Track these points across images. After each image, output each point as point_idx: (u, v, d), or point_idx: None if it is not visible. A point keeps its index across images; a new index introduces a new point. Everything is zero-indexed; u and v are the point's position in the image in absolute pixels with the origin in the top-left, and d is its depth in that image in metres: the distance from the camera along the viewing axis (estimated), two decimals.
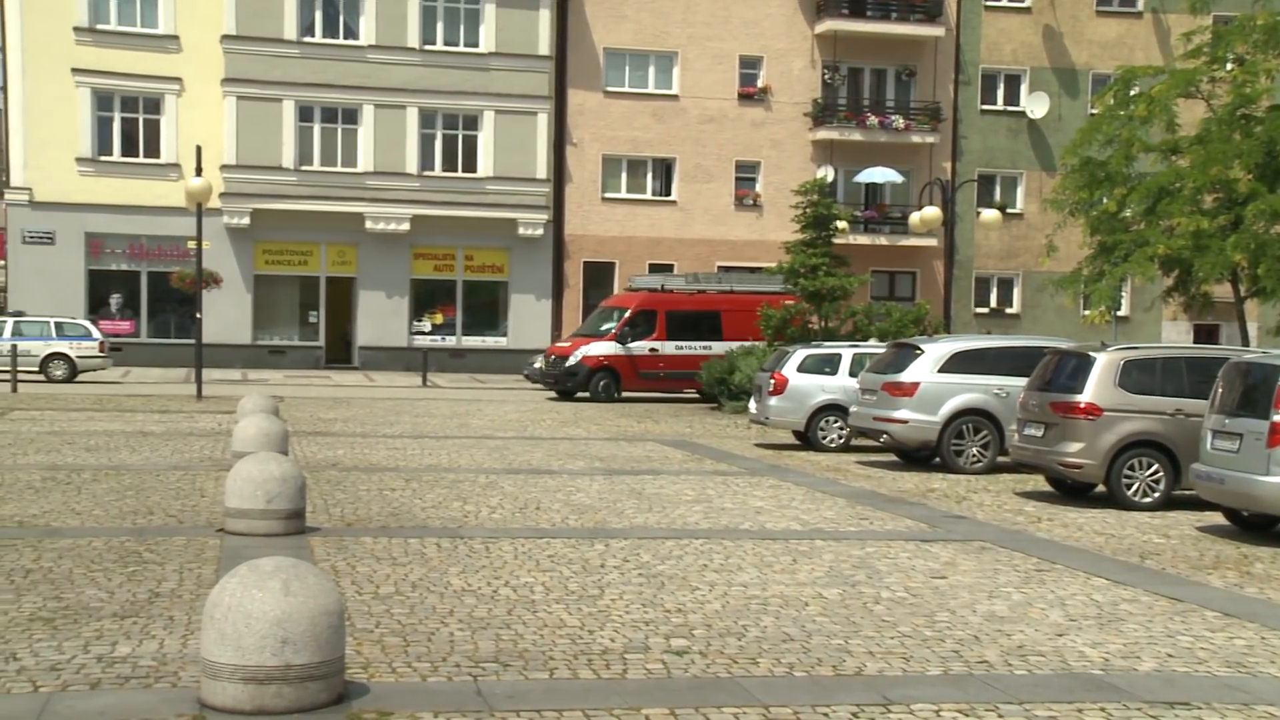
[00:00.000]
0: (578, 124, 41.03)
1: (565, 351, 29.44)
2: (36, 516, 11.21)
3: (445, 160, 39.88)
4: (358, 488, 13.70)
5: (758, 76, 42.02)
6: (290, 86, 38.13)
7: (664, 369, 29.36)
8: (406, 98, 39.02)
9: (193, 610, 7.79)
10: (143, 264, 38.52)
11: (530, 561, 9.82)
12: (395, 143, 39.04)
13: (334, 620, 5.99)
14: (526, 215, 40.12)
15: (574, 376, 28.80)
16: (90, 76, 37.42)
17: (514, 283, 40.91)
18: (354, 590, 8.59)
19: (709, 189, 41.94)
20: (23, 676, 6.41)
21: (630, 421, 24.07)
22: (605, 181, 41.50)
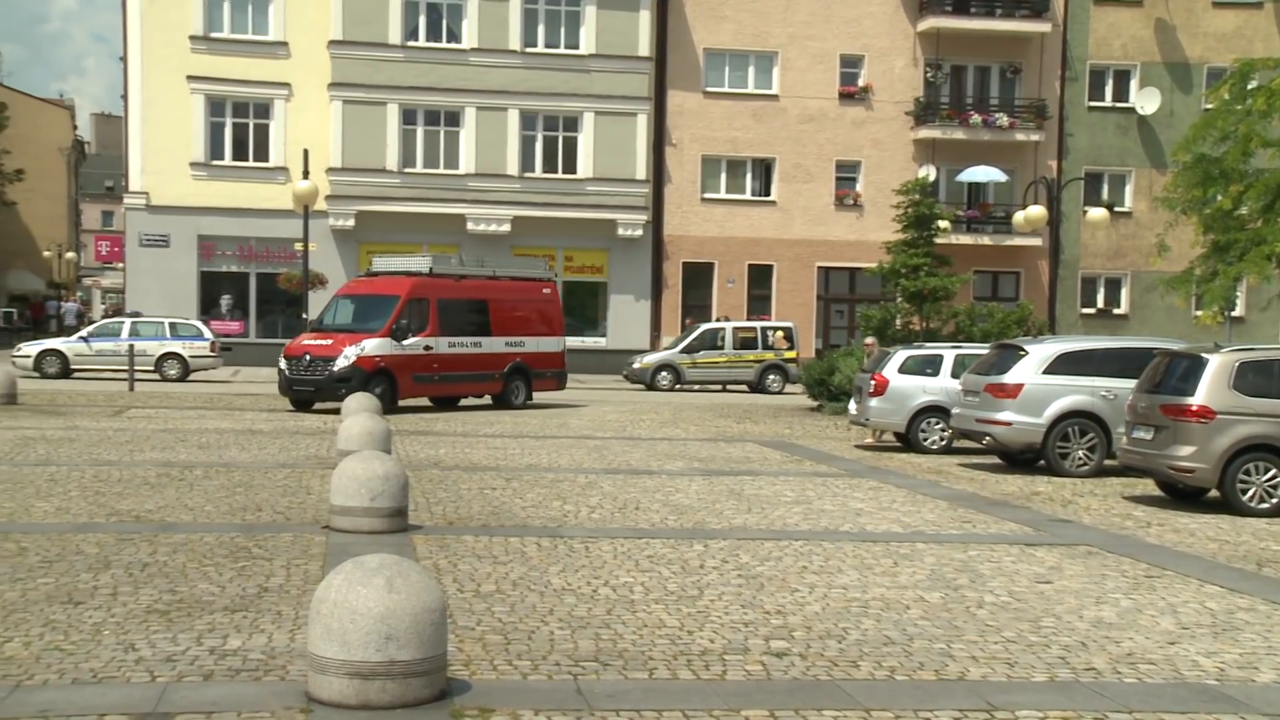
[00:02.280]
0: (677, 125, 41.05)
1: (326, 351, 23.39)
2: (152, 512, 11.50)
3: (545, 161, 40.15)
4: (459, 487, 13.83)
5: (859, 75, 41.67)
6: (394, 90, 38.69)
7: (439, 371, 24.49)
8: (508, 100, 39.36)
9: (300, 605, 7.93)
10: (251, 265, 39.37)
11: (629, 561, 9.84)
12: (496, 144, 39.41)
13: (437, 617, 6.05)
14: (626, 216, 40.24)
15: (346, 382, 22.59)
16: (204, 83, 38.35)
17: (613, 283, 41.04)
18: (455, 588, 8.67)
19: (809, 189, 41.68)
20: (141, 666, 6.58)
21: (729, 422, 24.01)
22: (704, 182, 41.46)
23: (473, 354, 25.12)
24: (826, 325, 42.00)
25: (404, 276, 24.96)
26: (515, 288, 26.62)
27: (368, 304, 24.65)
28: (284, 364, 23.94)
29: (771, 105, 41.45)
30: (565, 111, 39.93)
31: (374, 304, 24.43)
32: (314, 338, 23.99)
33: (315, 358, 23.45)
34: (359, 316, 24.48)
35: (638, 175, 40.25)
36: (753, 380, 34.76)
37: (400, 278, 24.96)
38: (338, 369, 23.15)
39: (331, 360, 23.27)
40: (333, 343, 23.58)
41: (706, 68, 41.24)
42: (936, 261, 28.35)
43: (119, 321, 33.42)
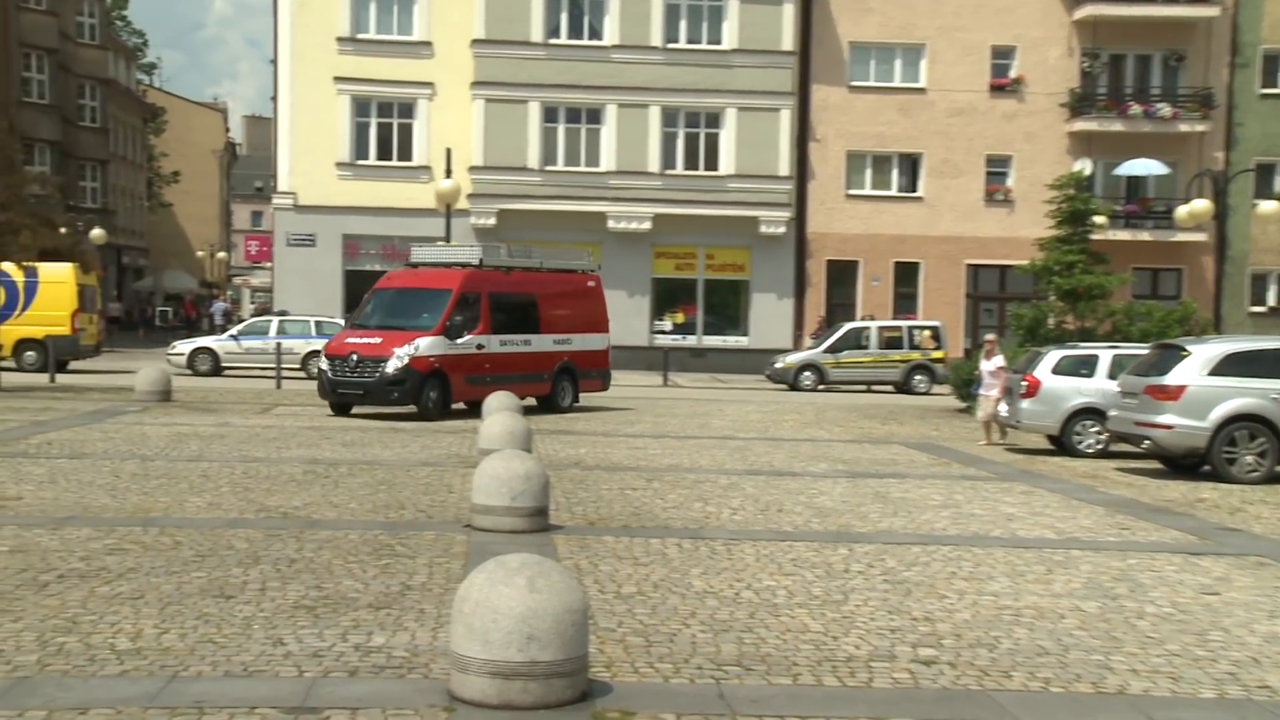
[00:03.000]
0: (821, 120, 40.72)
1: (376, 350, 21.63)
2: (299, 509, 11.82)
3: (687, 158, 40.19)
4: (600, 487, 13.90)
5: (1010, 67, 40.83)
6: (536, 88, 39.14)
7: (491, 371, 22.62)
8: (649, 96, 39.51)
9: (442, 604, 8.06)
10: (395, 264, 40.15)
11: (772, 564, 9.78)
12: (638, 141, 39.58)
13: (578, 618, 6.07)
14: (768, 213, 40.07)
15: (399, 385, 21.37)
16: (350, 84, 39.32)
17: (755, 282, 40.91)
18: (597, 589, 8.71)
19: (957, 184, 40.98)
20: (289, 661, 6.76)
21: (874, 424, 23.73)
22: (849, 178, 41.07)
23: (523, 353, 23.42)
24: (975, 324, 41.21)
25: (454, 269, 23.06)
26: (562, 280, 24.99)
27: (416, 298, 22.68)
28: (325, 364, 22.05)
29: (919, 99, 40.85)
30: (707, 107, 39.92)
31: (423, 298, 22.53)
32: (359, 335, 22.12)
33: (364, 358, 21.54)
34: (406, 312, 22.47)
35: (781, 171, 40.04)
36: (898, 381, 34.32)
37: (451, 270, 23.02)
38: (390, 370, 21.35)
39: (382, 361, 21.42)
40: (382, 341, 21.67)
41: (851, 61, 40.83)
42: (1092, 258, 27.59)
43: (267, 320, 34.45)
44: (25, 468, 13.96)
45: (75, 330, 32.10)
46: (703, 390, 32.81)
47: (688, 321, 41.35)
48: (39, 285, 30.99)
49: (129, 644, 6.95)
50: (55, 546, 9.53)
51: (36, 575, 8.55)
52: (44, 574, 8.60)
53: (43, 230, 25.91)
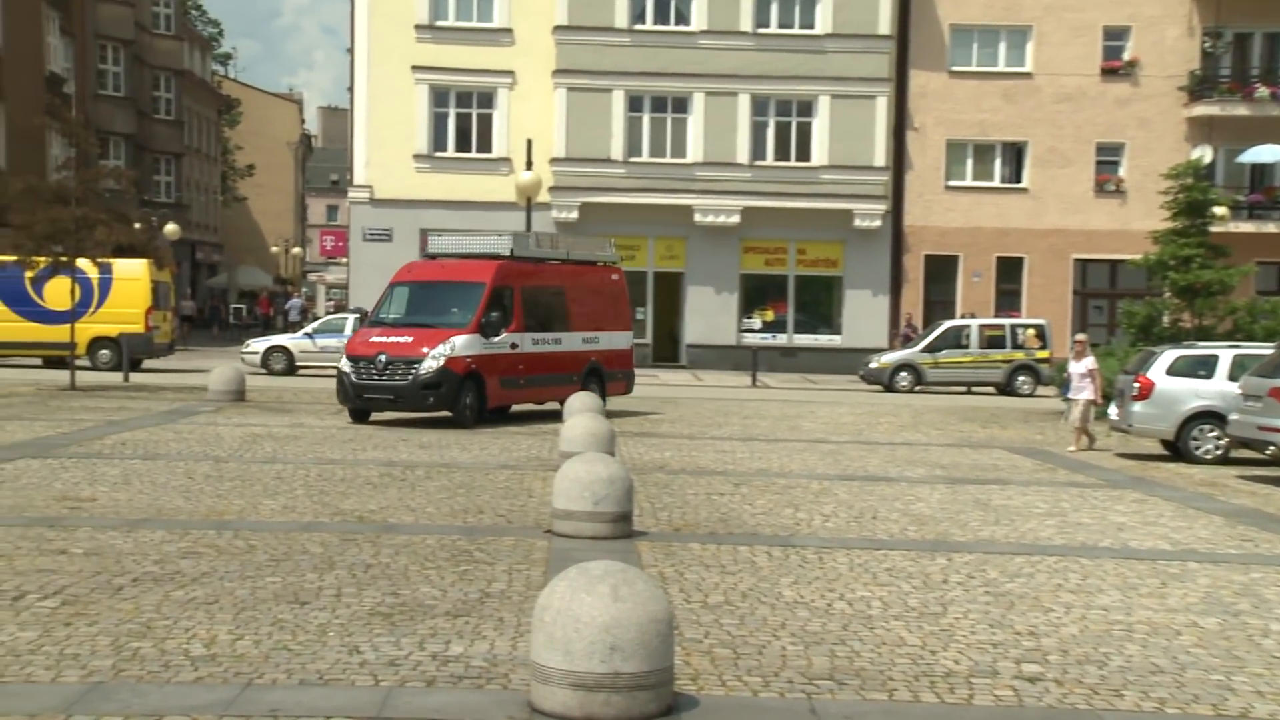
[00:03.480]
0: (920, 107, 40.37)
1: (407, 350, 20.38)
2: (374, 512, 11.97)
3: (778, 149, 40.06)
4: (685, 491, 13.91)
5: (1124, 48, 40.17)
6: (620, 76, 39.23)
7: (524, 373, 21.61)
8: (738, 84, 39.43)
9: (522, 612, 8.11)
10: None
11: (866, 574, 9.72)
12: (726, 131, 39.52)
13: (663, 628, 6.08)
14: (863, 206, 39.80)
15: (434, 389, 20.13)
16: (428, 73, 39.70)
17: (849, 277, 40.67)
18: (682, 598, 8.72)
19: (1064, 174, 40.40)
20: (365, 670, 6.85)
21: (975, 427, 23.49)
22: (949, 168, 40.68)
23: (554, 353, 22.25)
24: (1083, 322, 40.55)
25: (486, 260, 21.70)
26: (587, 273, 23.80)
27: (444, 293, 21.46)
28: (348, 366, 20.64)
29: (1024, 84, 40.34)
30: (799, 95, 39.75)
31: (452, 293, 21.34)
32: (384, 334, 20.83)
33: (394, 358, 20.27)
34: (434, 308, 21.23)
35: (876, 162, 39.76)
36: (1000, 382, 33.93)
37: (481, 261, 21.68)
38: (424, 372, 20.10)
39: (415, 362, 20.16)
40: (413, 340, 20.44)
41: (953, 45, 40.43)
42: (1211, 252, 27.04)
43: (342, 318, 34.89)
44: (100, 468, 14.29)
45: (149, 328, 32.74)
46: (793, 391, 32.68)
47: (778, 319, 41.20)
48: (113, 282, 31.65)
49: (203, 650, 7.09)
50: (129, 549, 9.74)
51: (111, 578, 8.75)
52: (118, 577, 8.80)
53: (117, 226, 26.47)
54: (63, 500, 12.03)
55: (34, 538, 10.09)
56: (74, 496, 12.26)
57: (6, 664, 6.71)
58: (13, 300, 31.66)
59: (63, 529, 10.50)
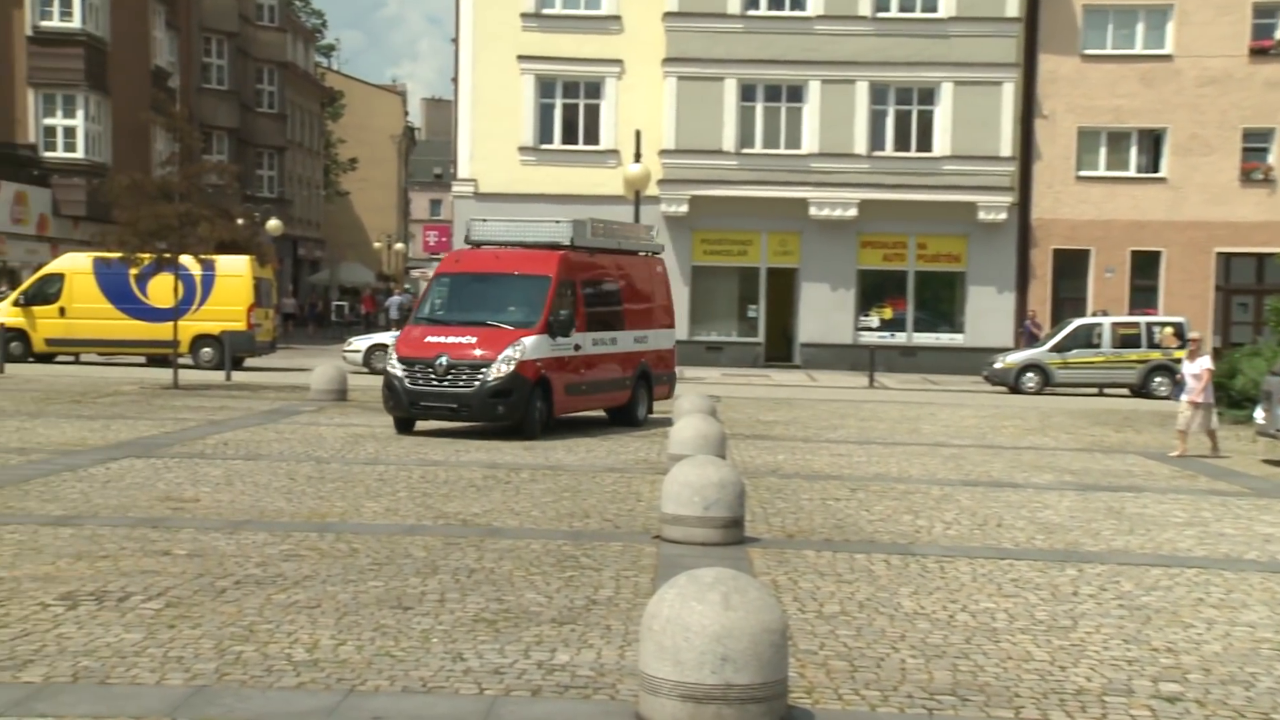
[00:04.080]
0: (1049, 93, 39.75)
1: (471, 352, 18.69)
2: (478, 515, 12.09)
3: (898, 139, 39.74)
4: (799, 496, 13.86)
5: (1275, 27, 39.16)
6: (733, 64, 39.19)
7: (586, 378, 20.24)
8: (856, 71, 39.17)
9: (629, 620, 8.14)
10: None
11: (991, 585, 9.60)
12: (843, 121, 39.28)
13: (776, 639, 6.06)
14: (988, 198, 39.30)
15: (505, 398, 18.45)
16: (534, 63, 40.01)
17: (972, 273, 40.19)
18: (796, 607, 8.69)
19: (1207, 163, 39.50)
20: (469, 678, 6.93)
21: (1107, 430, 23.07)
22: (1080, 158, 40.01)
23: (611, 354, 20.89)
24: (1226, 320, 39.67)
25: (545, 250, 20.07)
26: (637, 264, 22.41)
27: (503, 287, 19.92)
28: (399, 369, 18.88)
29: (1163, 67, 39.52)
30: (920, 82, 39.38)
31: (513, 287, 19.81)
32: (441, 333, 19.07)
33: (456, 362, 18.54)
34: (492, 304, 19.62)
35: (1002, 152, 39.23)
36: (1135, 383, 33.29)
37: (541, 252, 20.03)
38: (492, 378, 18.41)
39: (482, 366, 18.45)
40: (477, 340, 18.78)
41: (1086, 26, 39.74)
42: None
43: None
44: (202, 469, 14.63)
45: (251, 326, 33.43)
46: (912, 393, 32.39)
47: (896, 317, 40.88)
48: (216, 279, 32.35)
49: (305, 655, 7.22)
50: (232, 551, 9.96)
51: (214, 580, 8.96)
52: (221, 579, 9.00)
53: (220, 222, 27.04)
54: (166, 501, 12.34)
55: (138, 538, 10.37)
56: (177, 497, 12.57)
57: (112, 665, 6.90)
58: (117, 298, 32.53)
59: (166, 530, 10.78)
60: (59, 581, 8.78)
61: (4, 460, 14.82)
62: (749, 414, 24.26)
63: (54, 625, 7.65)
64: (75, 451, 15.80)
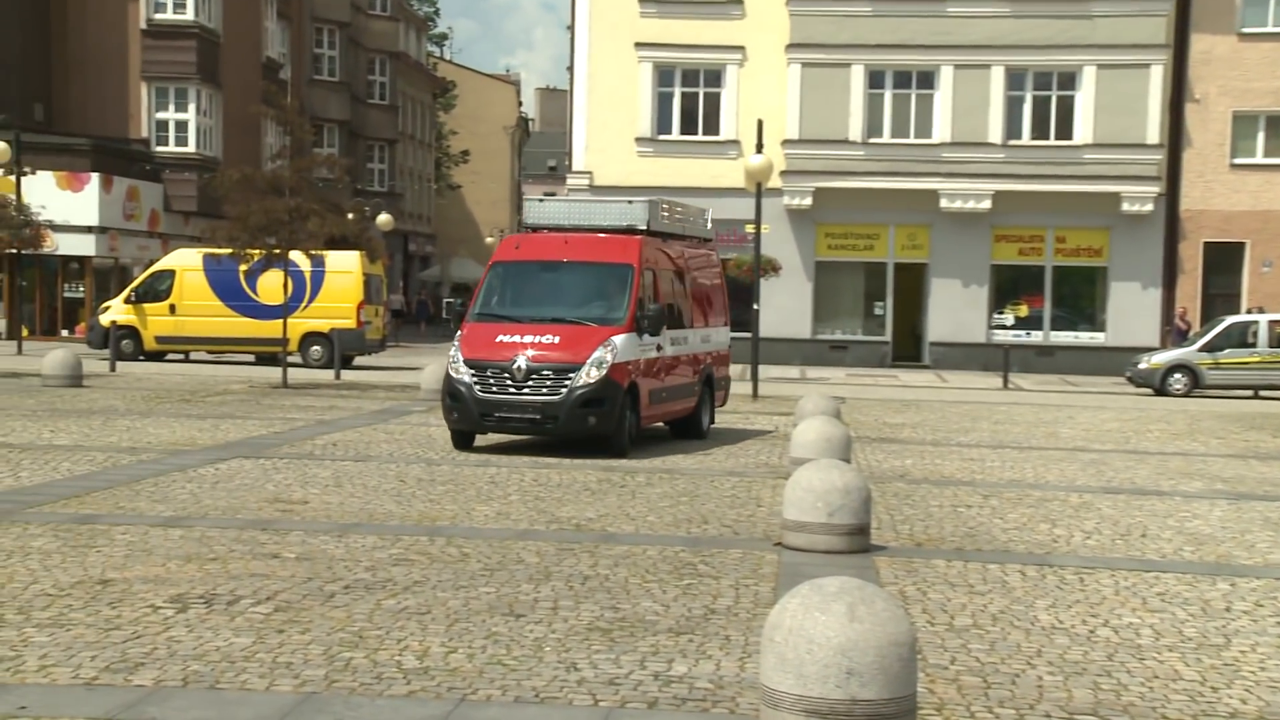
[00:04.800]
0: (1201, 76, 38.89)
1: (556, 354, 16.80)
2: (592, 520, 12.15)
3: (1035, 126, 39.22)
4: (928, 503, 13.75)
5: None
6: (860, 49, 38.94)
7: (665, 383, 18.39)
8: (992, 55, 38.70)
9: (749, 630, 8.13)
10: None
11: (1135, 599, 9.43)
12: (977, 108, 38.84)
13: (904, 652, 6.01)
14: (1133, 188, 38.58)
15: (597, 407, 16.60)
16: (653, 50, 40.08)
17: (1115, 268, 39.50)
18: (925, 620, 8.62)
19: None
20: (583, 688, 6.97)
21: (1263, 436, 22.51)
22: (1235, 144, 39.11)
23: (683, 355, 19.14)
24: None
25: (620, 235, 18.32)
26: (696, 252, 20.77)
27: (577, 277, 18.20)
28: (467, 374, 16.87)
29: None
30: (1060, 66, 38.79)
31: (589, 277, 18.14)
32: (513, 331, 17.13)
33: (537, 365, 16.64)
34: (568, 297, 17.97)
35: (1149, 139, 38.48)
36: None
37: (617, 237, 18.27)
38: (582, 385, 16.56)
39: (570, 370, 16.59)
40: (561, 340, 16.92)
41: (1244, 3, 38.83)
42: None
43: None
44: (311, 470, 14.90)
45: (361, 323, 33.96)
46: (1049, 394, 31.92)
47: (1032, 315, 40.33)
48: (325, 275, 32.90)
49: (416, 662, 7.32)
50: (341, 555, 10.13)
51: (323, 585, 9.12)
52: (330, 584, 9.16)
53: (330, 216, 27.46)
54: (275, 502, 12.59)
55: (247, 540, 10.59)
56: (286, 499, 12.82)
57: (222, 670, 7.05)
58: (227, 294, 33.27)
59: (275, 532, 10.99)
60: (169, 583, 9.00)
61: (115, 460, 15.24)
62: (875, 416, 24.11)
63: (164, 628, 7.85)
64: (185, 451, 16.19)
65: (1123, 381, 34.44)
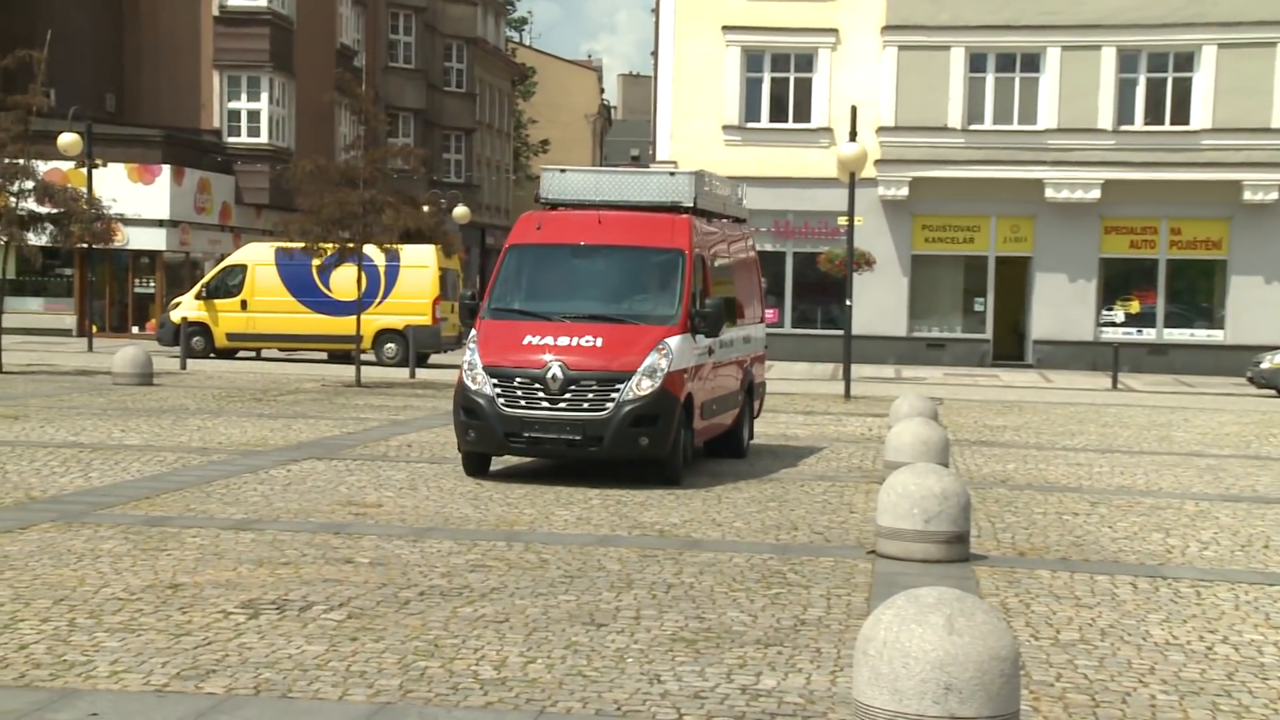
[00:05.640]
0: None
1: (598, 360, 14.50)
2: (677, 526, 12.17)
3: (1149, 111, 38.73)
4: (1031, 510, 13.65)
5: None
6: (960, 31, 38.65)
7: (715, 393, 16.27)
8: (1102, 35, 38.24)
9: (842, 643, 8.11)
10: (788, 243, 40.66)
11: (1257, 614, 9.29)
12: (1085, 92, 38.39)
13: (1007, 668, 5.96)
14: (1255, 176, 37.96)
15: (650, 426, 14.32)
16: (741, 34, 39.99)
17: (1235, 262, 38.89)
18: (1029, 633, 8.56)
19: None
20: (667, 702, 6.98)
21: None
22: None
23: (730, 358, 16.93)
24: None
25: (664, 213, 15.94)
26: (735, 234, 18.34)
27: (617, 264, 15.94)
28: (488, 385, 14.55)
29: None
30: (1177, 46, 38.25)
31: (631, 265, 15.93)
32: (545, 331, 14.78)
33: (578, 373, 14.32)
34: (605, 289, 15.87)
35: (1274, 123, 37.85)
36: None
37: (662, 216, 15.88)
38: (633, 398, 14.26)
39: (618, 380, 14.33)
40: (604, 343, 14.60)
41: None
42: None
43: None
44: (385, 472, 15.05)
45: (436, 320, 34.19)
46: (1162, 396, 31.50)
47: (1144, 311, 39.81)
48: (400, 270, 33.12)
49: (493, 672, 7.37)
50: (416, 560, 10.23)
51: (397, 591, 9.21)
52: (404, 590, 9.25)
53: (405, 209, 27.65)
54: (348, 506, 12.73)
55: (320, 545, 10.72)
56: (359, 502, 12.96)
57: (294, 679, 7.15)
58: (299, 290, 33.66)
59: (348, 536, 11.12)
60: (240, 589, 9.13)
61: (186, 460, 15.49)
62: (974, 418, 23.94)
63: (236, 634, 7.97)
64: (256, 452, 16.41)
65: (1243, 382, 33.88)
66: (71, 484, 13.51)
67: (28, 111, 27.04)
